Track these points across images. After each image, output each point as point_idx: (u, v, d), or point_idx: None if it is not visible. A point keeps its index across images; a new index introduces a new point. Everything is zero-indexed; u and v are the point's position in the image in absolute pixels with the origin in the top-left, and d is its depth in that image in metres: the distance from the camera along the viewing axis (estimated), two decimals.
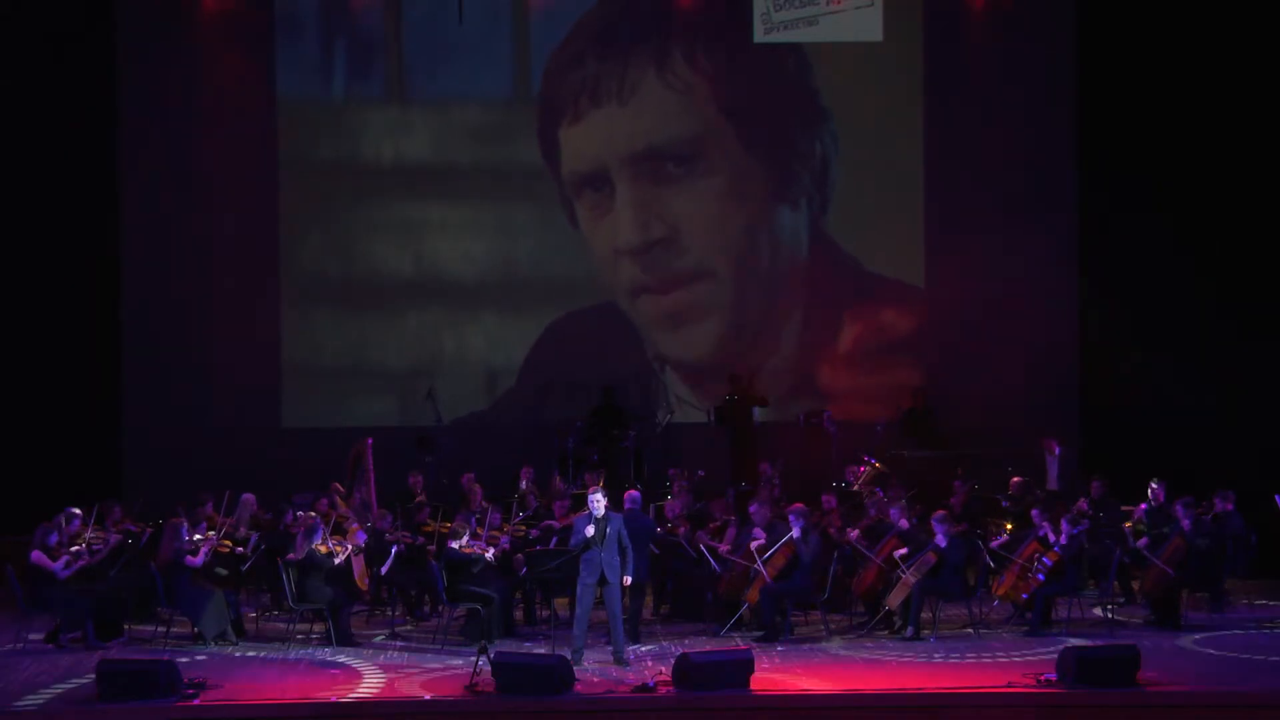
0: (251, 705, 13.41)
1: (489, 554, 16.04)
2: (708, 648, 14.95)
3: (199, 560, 15.68)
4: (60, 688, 13.96)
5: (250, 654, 15.32)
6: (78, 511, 16.18)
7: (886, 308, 22.16)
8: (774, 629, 15.71)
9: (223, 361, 21.63)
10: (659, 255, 22.06)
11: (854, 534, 16.51)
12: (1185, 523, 16.21)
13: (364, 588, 16.32)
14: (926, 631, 15.79)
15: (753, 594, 15.87)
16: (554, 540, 16.51)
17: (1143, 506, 17.38)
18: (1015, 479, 18.52)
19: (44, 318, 20.83)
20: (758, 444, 20.78)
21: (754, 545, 15.89)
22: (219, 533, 16.30)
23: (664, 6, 21.99)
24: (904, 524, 16.28)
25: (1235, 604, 17.14)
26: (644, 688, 13.63)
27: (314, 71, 22.11)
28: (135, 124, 21.50)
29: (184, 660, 14.49)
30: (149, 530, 17.11)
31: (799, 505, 16.18)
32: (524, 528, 17.25)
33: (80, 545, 15.80)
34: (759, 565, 15.74)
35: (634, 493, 15.78)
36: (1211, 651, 15.05)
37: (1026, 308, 21.69)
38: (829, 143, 22.14)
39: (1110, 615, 16.32)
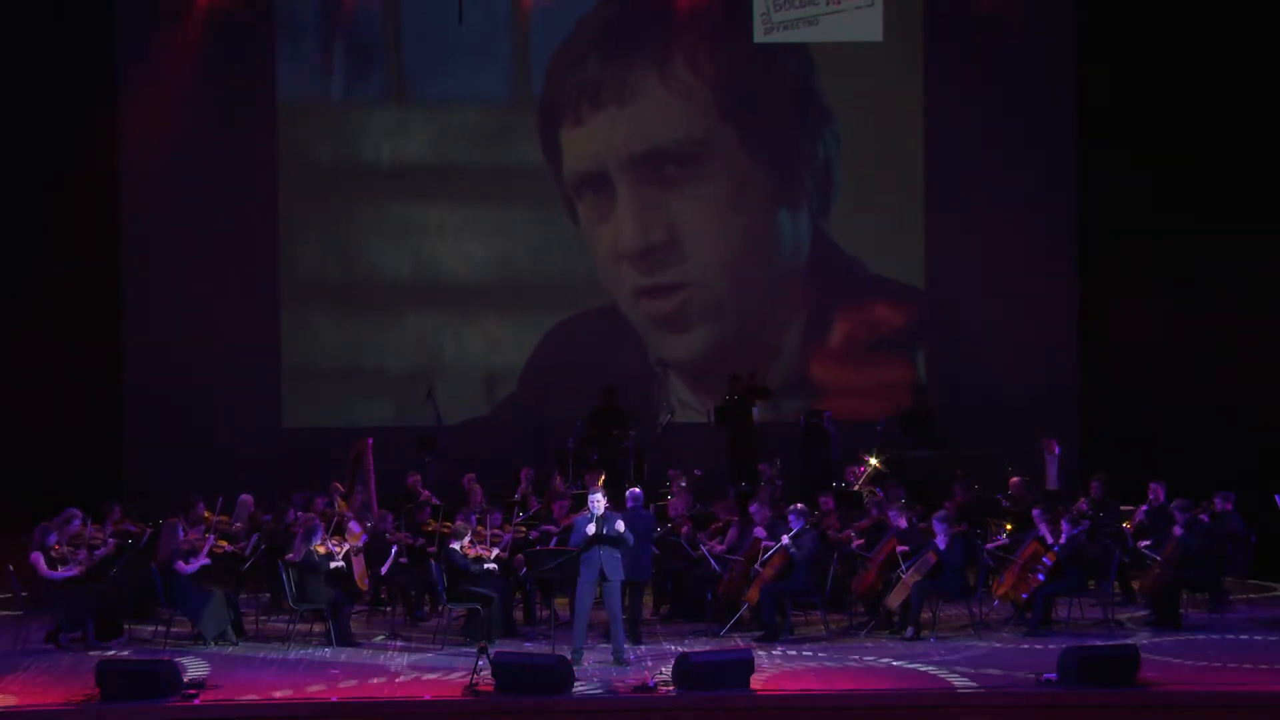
0: (251, 705, 13.41)
1: (491, 558, 16.00)
2: (708, 648, 14.96)
3: (192, 567, 15.65)
4: (60, 688, 13.94)
5: (250, 654, 15.31)
6: (78, 512, 16.17)
7: (887, 308, 22.16)
8: (774, 629, 15.69)
9: (223, 362, 21.64)
10: (660, 258, 22.05)
11: (858, 544, 16.50)
12: (1179, 525, 16.21)
13: (364, 588, 16.31)
14: (926, 631, 15.78)
15: (753, 594, 15.86)
16: (553, 541, 16.50)
17: (1143, 507, 17.37)
18: (1015, 479, 18.51)
19: (44, 317, 20.84)
20: (758, 444, 20.77)
21: (761, 546, 15.92)
22: (215, 533, 16.27)
23: (663, 7, 21.99)
24: (903, 524, 16.28)
25: (1235, 604, 17.12)
26: (644, 688, 13.63)
27: (314, 72, 22.13)
28: (135, 124, 21.51)
29: (184, 660, 14.49)
30: (149, 530, 17.10)
31: (799, 505, 16.17)
32: (524, 529, 17.24)
33: (81, 553, 15.78)
34: (758, 565, 15.75)
35: (636, 490, 15.78)
36: (1211, 652, 15.04)
37: (1026, 307, 21.70)
38: (830, 143, 22.14)
39: (1110, 615, 16.31)
